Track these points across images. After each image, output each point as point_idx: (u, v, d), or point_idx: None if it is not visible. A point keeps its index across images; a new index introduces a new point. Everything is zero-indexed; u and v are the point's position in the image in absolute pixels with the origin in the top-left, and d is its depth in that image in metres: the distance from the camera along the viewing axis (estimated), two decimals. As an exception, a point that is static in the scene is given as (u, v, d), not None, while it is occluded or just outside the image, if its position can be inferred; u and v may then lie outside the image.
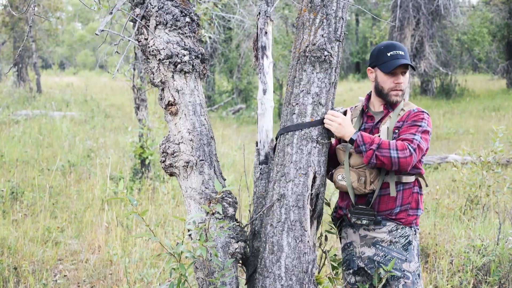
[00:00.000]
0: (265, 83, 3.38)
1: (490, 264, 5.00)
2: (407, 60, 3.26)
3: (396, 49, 3.27)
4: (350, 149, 3.26)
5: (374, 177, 3.22)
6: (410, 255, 3.31)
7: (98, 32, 2.93)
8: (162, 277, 5.27)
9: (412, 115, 3.26)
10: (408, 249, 3.31)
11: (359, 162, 3.22)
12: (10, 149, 10.25)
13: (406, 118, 3.28)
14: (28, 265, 5.45)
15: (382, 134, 3.26)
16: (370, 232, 3.35)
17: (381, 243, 3.33)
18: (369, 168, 3.20)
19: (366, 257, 3.37)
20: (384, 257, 3.31)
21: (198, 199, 3.20)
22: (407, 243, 3.31)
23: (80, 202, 7.55)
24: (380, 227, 3.32)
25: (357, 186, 3.25)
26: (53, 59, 44.21)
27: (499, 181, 6.35)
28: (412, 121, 3.23)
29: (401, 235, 3.30)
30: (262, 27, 3.37)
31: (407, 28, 17.02)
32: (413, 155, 3.07)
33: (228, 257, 3.20)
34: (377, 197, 3.29)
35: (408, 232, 3.32)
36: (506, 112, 16.55)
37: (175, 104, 3.17)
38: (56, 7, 22.73)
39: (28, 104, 17.81)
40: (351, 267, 3.45)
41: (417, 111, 3.28)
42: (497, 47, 24.84)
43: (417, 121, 3.21)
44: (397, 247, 3.30)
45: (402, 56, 3.26)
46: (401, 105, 3.34)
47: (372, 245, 3.36)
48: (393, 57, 3.26)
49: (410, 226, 3.33)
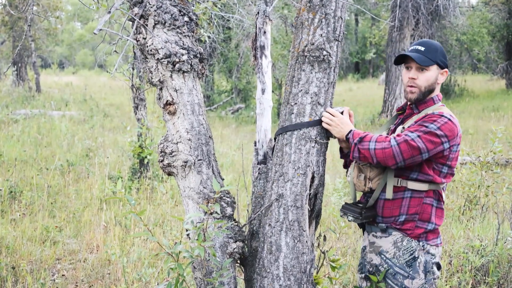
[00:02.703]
0: (263, 82, 3.37)
1: (489, 264, 5.00)
2: (412, 53, 3.09)
3: (417, 44, 3.12)
4: None
5: (373, 175, 3.12)
6: (414, 272, 3.12)
7: (96, 31, 2.92)
8: (160, 276, 5.26)
9: (427, 117, 3.05)
10: (412, 265, 3.12)
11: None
12: (9, 148, 10.24)
13: (420, 120, 3.07)
14: (26, 264, 5.44)
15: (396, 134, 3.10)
16: (377, 239, 3.23)
17: (386, 253, 3.19)
18: (370, 166, 3.13)
19: (374, 264, 3.24)
20: (387, 270, 3.17)
21: (196, 198, 3.19)
22: (412, 258, 3.12)
23: (78, 202, 7.54)
24: (386, 236, 3.18)
25: (357, 182, 3.21)
26: (52, 58, 44.19)
27: (498, 181, 6.35)
28: (421, 122, 3.03)
29: (406, 249, 3.13)
30: (261, 27, 3.37)
31: (406, 28, 17.02)
32: (392, 148, 2.93)
33: (226, 257, 3.19)
34: (381, 200, 3.16)
35: (415, 246, 3.12)
36: (505, 113, 16.56)
37: (174, 103, 3.17)
38: (55, 7, 22.71)
39: (27, 104, 17.80)
40: (363, 272, 3.32)
41: (436, 113, 3.05)
42: (496, 47, 24.87)
43: (425, 122, 3.00)
44: (400, 261, 3.13)
45: (418, 51, 3.09)
46: (430, 109, 3.13)
47: (378, 254, 3.22)
48: (408, 51, 3.15)
49: (418, 240, 3.13)
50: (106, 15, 3.03)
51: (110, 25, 9.07)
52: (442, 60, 3.11)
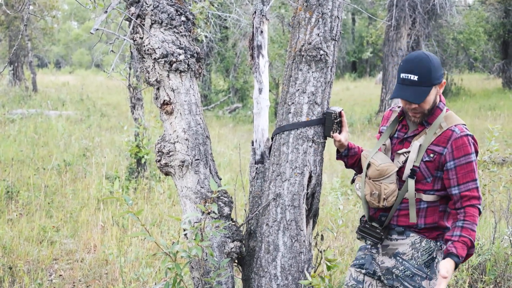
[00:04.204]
0: (261, 82, 3.38)
1: (485, 263, 5.01)
2: (406, 90, 2.93)
3: (409, 72, 2.91)
4: (370, 159, 3.08)
5: (389, 193, 3.03)
6: (432, 272, 3.09)
7: (93, 31, 2.92)
8: (157, 276, 5.26)
9: (456, 143, 2.94)
10: (430, 265, 3.09)
11: (376, 175, 3.05)
12: (6, 148, 10.22)
13: (448, 144, 2.96)
14: (23, 264, 5.43)
15: (412, 151, 3.01)
16: (392, 242, 3.16)
17: (402, 255, 3.12)
18: (385, 183, 3.03)
19: (385, 267, 3.17)
20: (404, 272, 3.11)
21: (193, 198, 3.19)
22: (430, 259, 3.09)
23: (75, 202, 7.53)
24: (403, 238, 3.12)
25: (370, 199, 3.10)
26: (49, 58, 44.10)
27: (494, 180, 6.34)
28: (464, 158, 2.93)
29: (424, 249, 3.09)
30: (258, 26, 3.37)
31: (403, 27, 17.04)
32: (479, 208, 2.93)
33: (224, 257, 3.20)
34: (397, 210, 3.10)
35: (433, 247, 3.10)
36: (502, 111, 16.59)
37: (171, 103, 3.17)
38: (51, 6, 22.67)
39: (24, 103, 17.76)
40: (365, 268, 3.23)
41: (460, 134, 2.95)
42: (492, 46, 24.89)
43: (469, 156, 2.93)
44: (418, 262, 3.08)
45: (411, 83, 2.90)
46: (439, 119, 3.01)
47: (393, 256, 3.15)
48: (401, 82, 2.95)
49: (436, 241, 3.11)
50: (103, 14, 3.03)
51: (106, 25, 9.05)
52: (438, 77, 2.95)
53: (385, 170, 3.02)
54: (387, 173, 3.03)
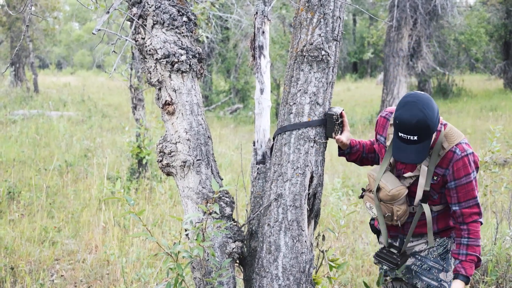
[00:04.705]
0: (262, 82, 3.37)
1: (487, 263, 5.01)
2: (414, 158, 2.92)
3: (407, 133, 2.88)
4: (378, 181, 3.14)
5: (401, 215, 3.14)
6: (448, 264, 3.23)
7: (95, 31, 2.92)
8: (159, 277, 5.26)
9: (457, 165, 3.01)
10: (446, 258, 3.24)
11: (388, 199, 3.12)
12: (7, 149, 10.23)
13: (449, 166, 3.03)
14: (25, 265, 5.44)
15: (421, 176, 3.07)
16: (409, 244, 3.31)
17: (420, 253, 3.28)
18: (397, 205, 3.12)
19: (404, 266, 3.32)
20: (421, 266, 3.26)
21: (195, 198, 3.19)
22: (445, 252, 3.24)
23: (77, 202, 7.54)
24: (418, 239, 3.28)
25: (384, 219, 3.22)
26: (50, 58, 44.13)
27: (496, 181, 6.34)
28: (464, 178, 3.02)
29: (439, 244, 3.24)
30: (259, 27, 3.37)
31: (404, 28, 17.03)
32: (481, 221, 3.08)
33: (225, 257, 3.20)
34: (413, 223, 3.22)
35: (447, 240, 3.25)
36: (503, 112, 16.57)
37: (172, 103, 3.17)
38: (53, 7, 22.70)
39: (25, 104, 17.78)
40: (388, 275, 3.42)
41: (461, 155, 3.00)
42: (494, 47, 24.86)
43: (468, 176, 3.02)
44: (434, 256, 3.23)
45: (412, 142, 2.89)
46: (440, 139, 3.04)
47: (412, 256, 3.31)
48: (401, 141, 2.94)
49: (449, 236, 3.27)
50: (105, 15, 3.03)
51: (108, 25, 9.07)
52: (435, 125, 2.92)
53: (397, 195, 3.11)
54: (399, 197, 3.11)
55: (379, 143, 3.33)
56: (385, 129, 3.28)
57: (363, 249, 6.09)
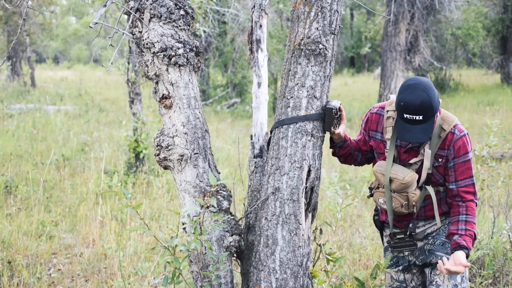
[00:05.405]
0: (259, 76, 3.37)
1: (484, 257, 5.03)
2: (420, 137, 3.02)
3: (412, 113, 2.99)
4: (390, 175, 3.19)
5: (417, 200, 3.21)
6: None
7: (92, 25, 2.91)
8: (156, 270, 5.26)
9: (457, 145, 3.14)
10: None
11: (402, 188, 3.18)
12: (4, 143, 10.22)
13: (450, 146, 3.15)
14: (22, 259, 5.44)
15: (426, 159, 3.15)
16: (420, 228, 3.37)
17: (431, 234, 3.37)
18: (411, 191, 3.19)
19: (417, 249, 3.40)
20: (434, 243, 3.33)
21: (192, 192, 3.19)
22: None
23: (74, 196, 7.53)
24: (430, 222, 3.36)
25: (401, 210, 3.26)
26: (47, 53, 44.04)
27: (493, 175, 6.36)
28: (463, 157, 3.15)
29: (450, 221, 3.30)
30: (256, 21, 3.36)
31: (401, 23, 17.01)
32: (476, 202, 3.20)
33: (223, 251, 3.20)
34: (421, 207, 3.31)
35: None
36: (500, 107, 16.59)
37: (170, 97, 3.16)
38: (50, 1, 22.61)
39: (22, 98, 17.74)
40: (400, 264, 3.45)
41: (460, 135, 3.14)
42: (491, 41, 24.86)
43: (466, 155, 3.15)
44: (446, 232, 3.30)
45: (417, 122, 3.00)
46: (438, 122, 3.15)
47: (424, 238, 3.39)
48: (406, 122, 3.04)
49: None
50: (102, 9, 3.02)
51: (105, 19, 9.04)
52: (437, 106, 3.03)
53: (410, 181, 3.17)
54: (412, 183, 3.18)
55: (374, 139, 3.38)
56: (379, 124, 3.34)
57: (360, 243, 6.10)
